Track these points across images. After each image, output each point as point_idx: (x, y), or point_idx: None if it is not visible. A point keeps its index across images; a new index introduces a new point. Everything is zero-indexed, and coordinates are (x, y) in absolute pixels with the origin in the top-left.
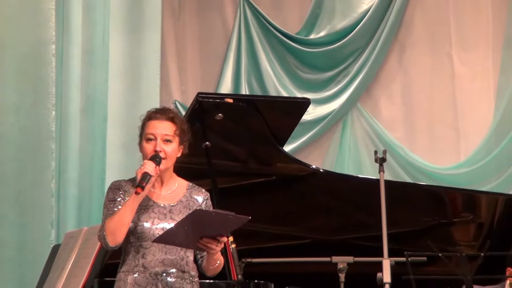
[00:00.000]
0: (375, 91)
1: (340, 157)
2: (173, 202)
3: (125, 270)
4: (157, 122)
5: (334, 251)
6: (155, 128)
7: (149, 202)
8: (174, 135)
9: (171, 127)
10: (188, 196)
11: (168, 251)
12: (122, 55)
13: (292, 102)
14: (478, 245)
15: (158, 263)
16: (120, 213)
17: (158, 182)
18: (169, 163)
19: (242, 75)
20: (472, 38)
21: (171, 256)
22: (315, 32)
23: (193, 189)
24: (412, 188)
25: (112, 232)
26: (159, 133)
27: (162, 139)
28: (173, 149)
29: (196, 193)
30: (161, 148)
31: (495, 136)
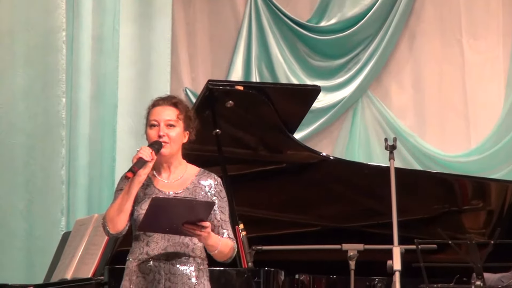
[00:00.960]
0: (386, 79)
1: (350, 144)
2: (179, 189)
3: (131, 258)
4: (160, 108)
5: (344, 238)
6: (158, 114)
7: (154, 191)
8: (177, 120)
9: (173, 111)
10: (196, 182)
11: (171, 238)
12: (132, 42)
13: (303, 90)
14: (488, 233)
15: (161, 251)
16: (117, 200)
17: (166, 170)
18: (174, 147)
19: (252, 63)
20: (482, 25)
21: (174, 244)
22: (326, 20)
23: (203, 175)
24: (422, 175)
25: (111, 220)
26: (162, 118)
27: (166, 124)
28: (177, 134)
29: (205, 178)
30: (164, 132)
31: (505, 124)
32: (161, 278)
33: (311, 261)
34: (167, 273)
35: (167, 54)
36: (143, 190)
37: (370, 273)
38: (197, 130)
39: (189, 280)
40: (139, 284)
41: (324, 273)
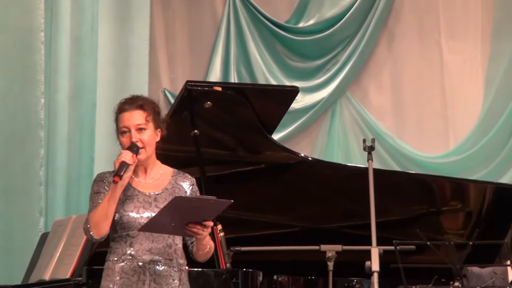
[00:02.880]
0: (364, 80)
1: (329, 145)
2: (158, 190)
3: (113, 259)
4: (128, 114)
5: (322, 239)
6: (127, 120)
7: (134, 192)
8: (146, 122)
9: (141, 115)
10: (173, 183)
11: (155, 239)
12: (111, 42)
13: (281, 91)
14: (467, 234)
15: (146, 252)
16: (101, 205)
17: (142, 171)
18: (149, 151)
19: (231, 63)
20: (461, 26)
21: (158, 245)
22: (304, 21)
23: (178, 175)
24: (401, 176)
25: (95, 225)
26: (132, 124)
27: (136, 129)
28: (149, 136)
29: (181, 179)
30: (137, 138)
31: (484, 124)
32: (146, 279)
33: (289, 262)
34: (152, 274)
35: (145, 55)
36: (123, 192)
37: (349, 274)
38: (174, 130)
39: (173, 281)
40: (122, 285)
41: (303, 274)
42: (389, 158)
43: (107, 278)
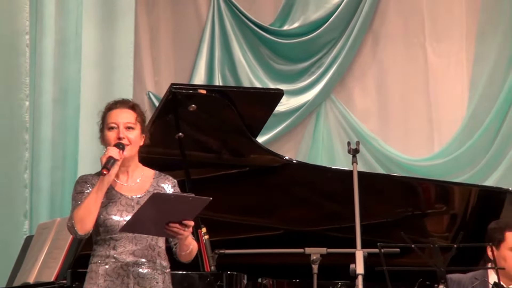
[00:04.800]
0: (349, 82)
1: (313, 148)
2: (141, 193)
3: (96, 261)
4: (118, 111)
5: (307, 242)
6: (117, 117)
7: (116, 195)
8: (136, 122)
9: (132, 114)
10: (155, 185)
11: (138, 242)
12: (95, 45)
13: (266, 93)
14: (451, 237)
15: (129, 254)
16: (86, 201)
17: (125, 174)
18: (133, 150)
19: (215, 66)
20: (445, 29)
21: (141, 247)
22: (289, 23)
23: (160, 177)
24: (385, 179)
25: (80, 220)
26: (121, 121)
27: (125, 127)
28: (136, 136)
29: (163, 181)
30: (124, 135)
31: (468, 127)
32: (130, 282)
33: (274, 265)
34: (136, 276)
35: (130, 57)
36: (105, 195)
37: (333, 276)
38: (158, 133)
39: (157, 283)
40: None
41: (287, 277)
42: (374, 160)
43: (90, 281)
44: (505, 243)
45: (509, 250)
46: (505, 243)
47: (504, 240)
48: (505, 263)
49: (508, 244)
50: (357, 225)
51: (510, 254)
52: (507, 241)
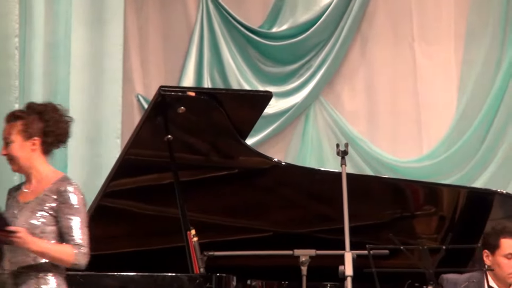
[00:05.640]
0: (338, 84)
1: (302, 150)
2: (31, 198)
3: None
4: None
5: (296, 244)
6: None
7: (13, 201)
8: (9, 135)
9: (7, 128)
10: (47, 190)
11: (13, 249)
12: (84, 48)
13: (254, 96)
14: (440, 238)
15: (9, 263)
16: None
17: (29, 180)
18: (18, 162)
19: (204, 69)
20: (434, 31)
21: (16, 255)
22: (278, 26)
23: (59, 181)
24: (374, 181)
25: None
26: (1, 137)
27: (4, 143)
28: (15, 148)
29: (58, 185)
30: (3, 152)
31: (457, 129)
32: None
33: (263, 266)
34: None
35: (119, 60)
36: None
37: (322, 278)
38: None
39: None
40: None
41: (276, 279)
42: (363, 162)
43: None
44: (500, 250)
45: (503, 257)
46: (499, 250)
47: (499, 247)
48: (499, 269)
49: (502, 251)
50: (346, 227)
51: (504, 260)
52: (502, 248)
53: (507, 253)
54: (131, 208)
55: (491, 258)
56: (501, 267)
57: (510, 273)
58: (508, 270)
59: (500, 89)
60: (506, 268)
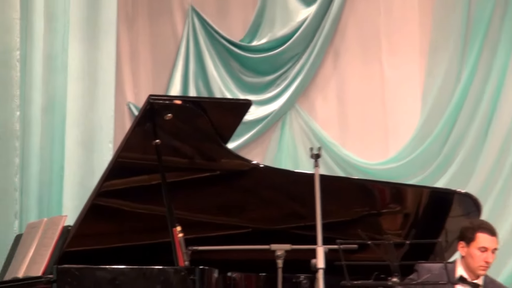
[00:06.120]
0: (312, 93)
1: (279, 153)
2: None
3: None
4: None
5: (273, 239)
6: None
7: None
8: None
9: None
10: None
11: None
12: (80, 60)
13: (235, 103)
14: (404, 234)
15: None
16: None
17: None
18: None
19: (190, 79)
20: (400, 45)
21: None
22: (257, 39)
23: None
24: (345, 181)
25: None
26: None
27: None
28: None
29: None
30: None
31: (420, 134)
32: None
33: (242, 260)
34: None
35: (112, 71)
36: None
37: (297, 270)
38: (137, 140)
39: None
40: None
41: (255, 271)
42: (334, 165)
43: None
44: (475, 242)
45: (477, 249)
46: (474, 243)
47: (475, 240)
48: (472, 260)
49: (477, 244)
50: (318, 224)
51: (478, 253)
52: (477, 241)
53: (481, 246)
54: (122, 207)
55: (466, 249)
56: (474, 258)
57: (481, 265)
58: (479, 262)
59: (460, 99)
60: (478, 260)
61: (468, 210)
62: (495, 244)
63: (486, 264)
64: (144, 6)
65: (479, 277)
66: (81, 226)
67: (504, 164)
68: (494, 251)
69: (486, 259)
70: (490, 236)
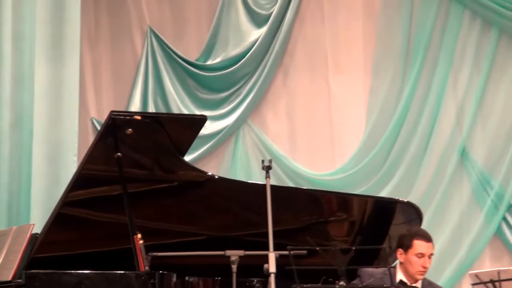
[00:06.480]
0: (263, 109)
1: (233, 165)
2: None
3: None
4: None
5: (227, 245)
6: None
7: None
8: None
9: None
10: None
11: None
12: (46, 78)
13: (191, 119)
14: (351, 240)
15: None
16: None
17: None
18: None
19: (149, 96)
20: (345, 63)
21: None
22: (212, 59)
23: None
24: (294, 191)
25: None
26: None
27: None
28: None
29: None
30: None
31: (365, 147)
32: None
33: (199, 265)
34: None
35: (76, 89)
36: None
37: (250, 275)
38: (100, 153)
39: None
40: None
41: (211, 276)
42: (284, 176)
43: None
44: (412, 249)
45: (414, 255)
46: (412, 249)
47: (412, 246)
48: (410, 266)
49: (414, 250)
50: (270, 231)
51: (415, 259)
52: (414, 247)
53: (418, 252)
54: (86, 216)
55: (404, 256)
56: (412, 264)
57: (419, 270)
58: (417, 268)
59: (402, 114)
60: (415, 265)
61: (410, 218)
62: (431, 250)
63: (424, 269)
64: (106, 28)
65: (418, 281)
66: (48, 233)
67: (444, 175)
68: (431, 256)
69: (423, 264)
70: (426, 243)
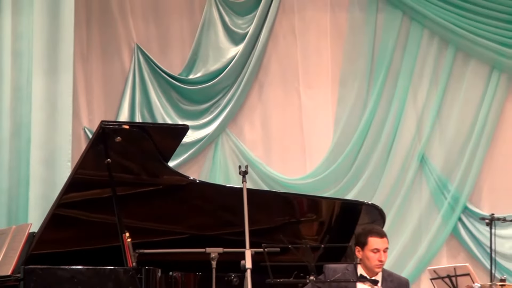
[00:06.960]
0: (240, 119)
1: (213, 170)
2: None
3: None
4: None
5: (208, 243)
6: None
7: None
8: None
9: None
10: None
11: None
12: (42, 91)
13: (175, 128)
14: (320, 239)
15: None
16: None
17: None
18: None
19: (136, 107)
20: (315, 78)
21: None
22: (193, 73)
23: None
24: (268, 194)
25: None
26: None
27: None
28: None
29: None
30: None
31: (333, 154)
32: None
33: (182, 261)
34: None
35: (69, 100)
36: None
37: (228, 270)
38: (91, 159)
39: None
40: None
41: (192, 271)
42: (260, 180)
43: None
44: (368, 246)
45: (370, 251)
46: (368, 246)
47: (367, 243)
48: (368, 261)
49: (370, 246)
50: (246, 230)
51: (372, 254)
52: (369, 244)
53: (373, 248)
54: (79, 216)
55: (361, 252)
56: (369, 259)
57: (376, 264)
58: (374, 262)
59: (366, 124)
60: (372, 260)
61: (374, 218)
62: (386, 244)
63: (380, 263)
64: (97, 45)
65: (377, 273)
66: (44, 232)
67: (404, 180)
68: (386, 250)
69: (379, 258)
70: (380, 238)
